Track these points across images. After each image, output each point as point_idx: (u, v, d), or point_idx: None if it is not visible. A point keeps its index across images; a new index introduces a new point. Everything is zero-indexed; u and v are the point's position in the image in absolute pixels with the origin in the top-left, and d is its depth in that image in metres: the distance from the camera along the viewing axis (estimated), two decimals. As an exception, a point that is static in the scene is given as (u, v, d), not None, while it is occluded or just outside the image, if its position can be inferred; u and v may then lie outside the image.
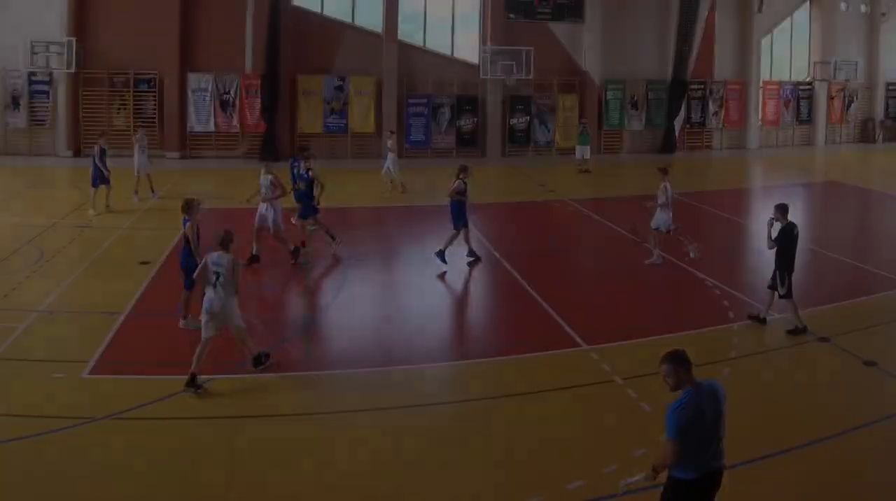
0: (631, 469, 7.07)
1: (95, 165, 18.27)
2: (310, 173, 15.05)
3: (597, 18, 29.31)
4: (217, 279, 8.97)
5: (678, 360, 5.42)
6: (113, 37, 27.10)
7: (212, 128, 27.46)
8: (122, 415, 8.15)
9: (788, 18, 32.94)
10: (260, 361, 9.37)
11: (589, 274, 14.45)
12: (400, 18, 28.33)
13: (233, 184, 21.18)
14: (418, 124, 28.53)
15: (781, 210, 10.93)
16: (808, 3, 33.29)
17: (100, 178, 18.33)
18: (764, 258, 15.76)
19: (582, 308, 12.23)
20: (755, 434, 7.75)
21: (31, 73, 26.69)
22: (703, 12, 29.80)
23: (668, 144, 30.28)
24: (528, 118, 29.25)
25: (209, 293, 9.03)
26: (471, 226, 16.96)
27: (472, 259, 14.36)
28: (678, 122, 30.57)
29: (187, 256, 10.74)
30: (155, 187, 20.47)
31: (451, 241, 14.11)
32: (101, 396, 8.65)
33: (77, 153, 27.04)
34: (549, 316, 11.58)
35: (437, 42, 29.32)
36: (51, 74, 26.76)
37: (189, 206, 10.84)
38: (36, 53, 26.16)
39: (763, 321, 11.19)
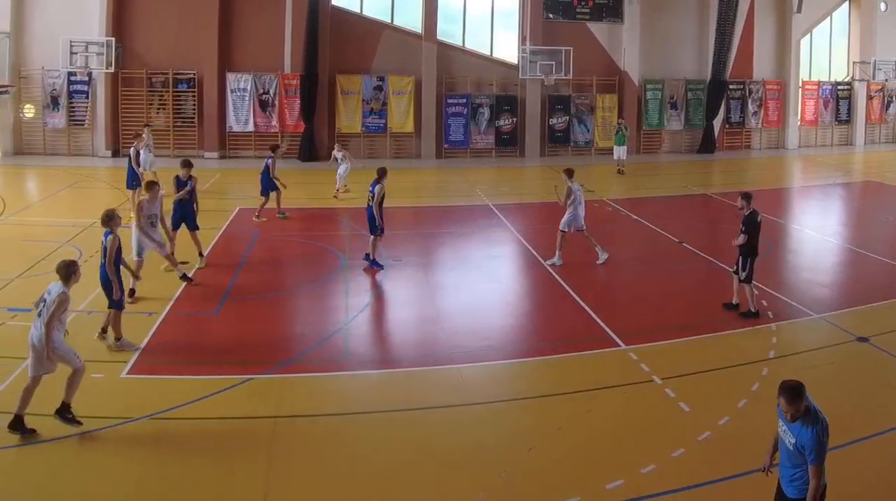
0: (670, 469, 7.12)
1: (131, 167, 18.13)
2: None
3: (635, 18, 29.14)
4: (41, 310, 7.74)
5: (797, 394, 5.27)
6: (152, 36, 27.17)
7: (251, 127, 27.37)
8: (160, 416, 8.11)
9: (827, 18, 32.72)
10: (17, 426, 7.60)
11: (628, 273, 14.26)
12: (439, 18, 28.21)
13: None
14: (457, 124, 28.38)
15: (747, 198, 11.49)
16: (847, 3, 33.08)
17: (135, 180, 18.13)
18: (802, 258, 15.98)
19: (621, 308, 12.23)
20: None
21: (71, 74, 26.69)
22: (741, 12, 29.57)
23: (707, 144, 30.07)
24: (566, 118, 29.07)
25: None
26: (510, 225, 17.05)
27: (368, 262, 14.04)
28: (717, 122, 30.35)
29: (106, 271, 9.80)
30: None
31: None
32: (139, 396, 8.61)
33: (116, 153, 27.01)
34: (589, 316, 11.56)
35: (477, 42, 29.21)
36: (90, 74, 26.74)
37: (110, 218, 9.98)
38: (75, 53, 26.19)
39: (735, 306, 11.60)
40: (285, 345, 10.52)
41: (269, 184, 17.37)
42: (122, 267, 10.12)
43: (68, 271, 7.88)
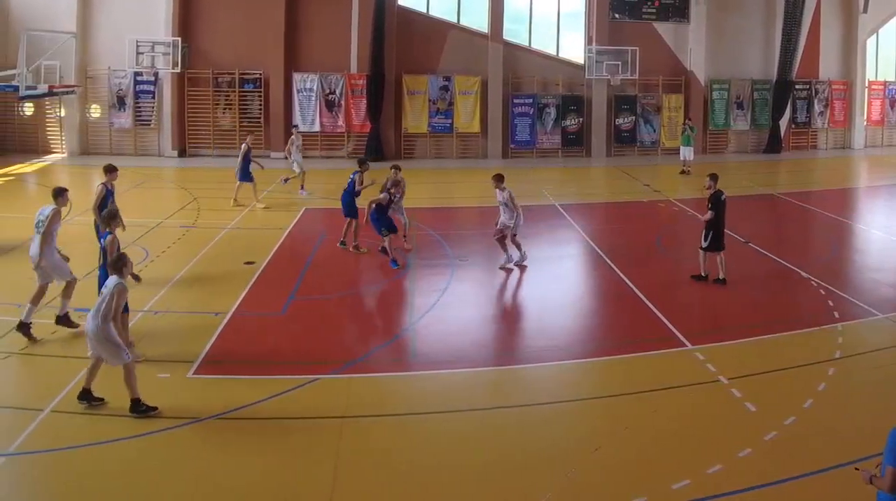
0: (736, 469, 7.07)
1: (247, 160, 18.51)
2: None
3: (702, 18, 28.89)
4: (100, 303, 8.02)
5: None
6: (218, 36, 27.14)
7: (317, 127, 27.18)
8: (227, 415, 8.06)
9: (894, 18, 32.19)
10: (138, 407, 7.98)
11: (694, 273, 14.06)
12: (505, 18, 28.05)
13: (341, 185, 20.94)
14: (523, 124, 28.16)
15: (714, 178, 12.85)
16: (913, 2, 32.73)
17: (247, 175, 18.63)
18: (868, 258, 15.70)
19: (687, 307, 12.13)
20: (858, 434, 7.69)
21: (137, 74, 26.66)
22: (807, 12, 29.29)
23: (773, 144, 29.74)
24: (633, 118, 28.82)
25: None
26: (576, 225, 16.80)
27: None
28: (783, 122, 30.01)
29: (106, 274, 9.52)
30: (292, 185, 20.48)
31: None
32: (205, 396, 8.56)
33: (182, 153, 27.00)
34: (655, 316, 11.46)
35: (543, 42, 29.05)
36: (156, 74, 26.73)
37: (112, 218, 10.05)
38: (141, 53, 26.15)
39: (704, 278, 12.82)
40: (352, 345, 10.55)
41: (352, 205, 15.04)
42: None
43: (118, 264, 8.18)
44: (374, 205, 13.69)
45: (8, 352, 9.72)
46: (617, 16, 28.67)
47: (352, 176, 14.89)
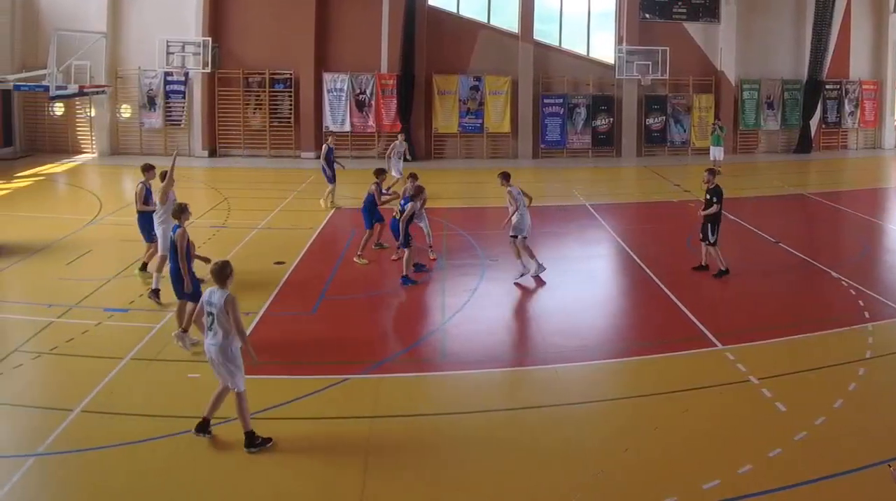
0: (766, 469, 7.03)
1: (331, 161, 18.53)
2: None
3: (732, 18, 28.80)
4: (212, 321, 7.46)
5: None
6: (248, 36, 27.15)
7: (347, 127, 27.14)
8: (258, 415, 7.98)
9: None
10: (253, 442, 7.41)
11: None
12: (535, 18, 28.00)
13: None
14: (554, 124, 28.07)
15: (712, 173, 13.28)
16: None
17: (332, 176, 18.66)
18: None
19: (717, 307, 12.13)
20: (890, 434, 7.72)
21: (167, 74, 26.67)
22: (837, 12, 29.17)
23: (803, 144, 29.61)
24: (663, 118, 28.71)
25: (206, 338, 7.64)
26: (606, 225, 16.66)
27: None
28: (813, 122, 29.87)
29: (176, 267, 9.76)
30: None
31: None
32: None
33: (213, 153, 26.98)
34: (685, 316, 11.43)
35: (573, 42, 28.94)
36: (186, 74, 26.70)
37: (181, 212, 9.96)
38: (171, 53, 26.08)
39: (706, 268, 13.33)
40: (381, 345, 10.55)
41: (373, 214, 14.61)
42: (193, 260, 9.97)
43: (223, 274, 7.49)
44: (404, 218, 13.08)
45: (38, 352, 9.70)
46: (647, 16, 28.60)
47: (371, 187, 14.28)
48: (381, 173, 14.74)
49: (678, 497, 6.67)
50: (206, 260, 9.91)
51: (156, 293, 11.54)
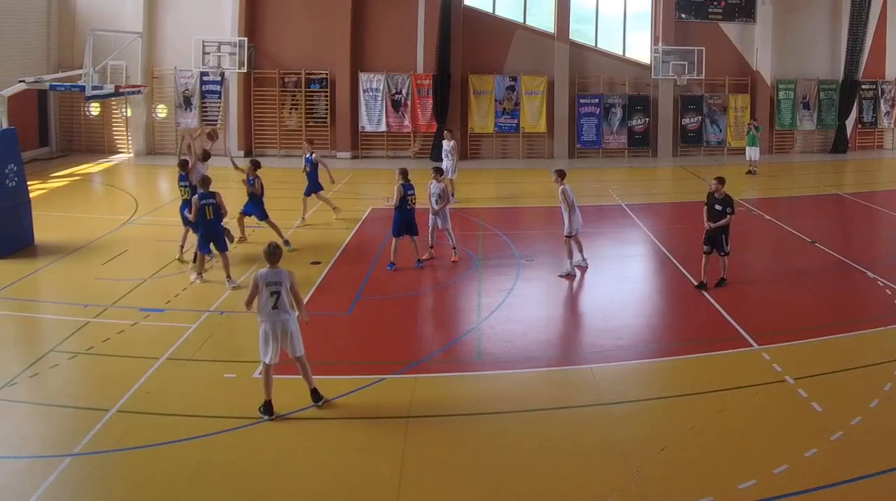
0: (803, 469, 7.05)
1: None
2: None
3: (768, 18, 28.60)
4: (277, 298, 8.12)
5: None
6: (284, 37, 27.18)
7: (383, 127, 27.11)
8: (292, 415, 8.12)
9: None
10: (319, 396, 8.42)
11: (760, 273, 13.96)
12: (571, 18, 27.90)
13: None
14: (590, 124, 27.95)
15: (721, 181, 12.57)
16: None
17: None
18: None
19: (753, 307, 11.99)
20: None
21: (203, 74, 26.64)
22: (874, 13, 28.94)
23: (839, 144, 29.38)
24: (699, 118, 28.53)
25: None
26: (642, 225, 16.71)
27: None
28: (849, 122, 29.65)
29: (206, 231, 12.57)
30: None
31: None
32: (272, 396, 8.46)
33: (248, 153, 26.87)
34: (721, 316, 11.44)
35: (609, 42, 28.84)
36: (222, 74, 26.67)
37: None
38: (207, 53, 26.08)
39: (705, 285, 12.57)
40: (417, 345, 10.56)
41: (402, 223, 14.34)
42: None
43: (276, 255, 8.35)
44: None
45: (74, 352, 9.70)
46: (683, 16, 28.46)
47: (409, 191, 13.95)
48: (405, 174, 14.04)
49: (714, 496, 6.68)
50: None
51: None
